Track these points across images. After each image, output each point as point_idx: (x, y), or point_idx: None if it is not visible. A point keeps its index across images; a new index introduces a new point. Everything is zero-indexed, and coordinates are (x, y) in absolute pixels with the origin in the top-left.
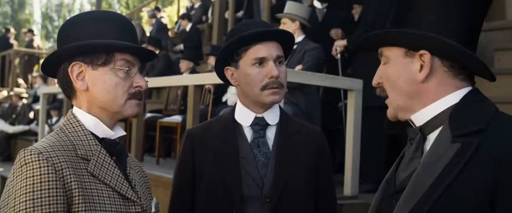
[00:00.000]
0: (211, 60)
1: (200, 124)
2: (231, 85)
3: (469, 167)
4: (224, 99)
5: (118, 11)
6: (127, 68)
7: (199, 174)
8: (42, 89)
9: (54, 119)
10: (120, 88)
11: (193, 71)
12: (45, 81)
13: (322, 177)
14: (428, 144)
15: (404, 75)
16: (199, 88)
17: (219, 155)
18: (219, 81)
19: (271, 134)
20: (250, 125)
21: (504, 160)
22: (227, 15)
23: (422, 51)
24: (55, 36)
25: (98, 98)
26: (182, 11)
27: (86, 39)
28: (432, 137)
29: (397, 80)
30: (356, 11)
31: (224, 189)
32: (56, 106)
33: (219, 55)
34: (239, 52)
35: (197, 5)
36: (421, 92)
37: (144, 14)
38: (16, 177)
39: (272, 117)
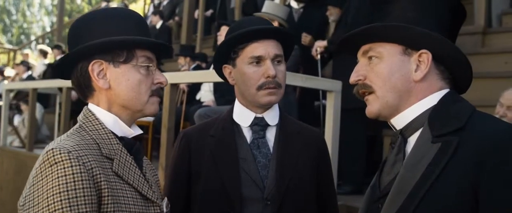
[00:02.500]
0: (181, 60)
1: (195, 125)
2: (230, 84)
3: (450, 166)
4: (198, 97)
5: (80, 7)
6: (149, 65)
7: (196, 175)
8: (5, 85)
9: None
10: (143, 86)
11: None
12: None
13: (323, 180)
14: (409, 147)
15: (399, 72)
16: (175, 87)
17: (217, 156)
18: (194, 80)
19: (270, 134)
20: (250, 126)
21: (484, 156)
22: (197, 14)
23: (423, 51)
24: (13, 30)
25: (121, 96)
26: (149, 8)
27: (105, 37)
28: (412, 139)
29: (391, 77)
30: (330, 12)
31: (223, 190)
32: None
33: (217, 52)
34: (236, 50)
35: (165, 2)
36: (412, 92)
37: None
38: (46, 176)
39: (272, 117)
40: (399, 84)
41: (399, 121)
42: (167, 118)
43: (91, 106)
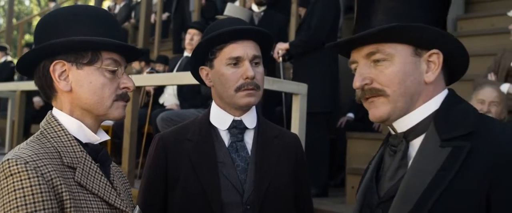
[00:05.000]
0: (136, 64)
1: (171, 129)
2: (206, 85)
3: (463, 171)
4: (161, 101)
5: (29, 8)
6: (115, 68)
7: (173, 180)
8: None
9: None
10: (107, 89)
11: None
12: None
13: (301, 184)
14: (413, 151)
15: (413, 76)
16: (139, 90)
17: (195, 160)
18: (159, 83)
19: (249, 138)
20: (228, 129)
21: (498, 163)
22: (153, 17)
23: (434, 51)
24: None
25: (83, 100)
26: None
27: (70, 36)
28: (416, 143)
29: (406, 80)
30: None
31: (202, 195)
32: None
33: (194, 53)
34: (214, 51)
35: (121, 4)
36: (421, 94)
37: None
38: (1, 189)
39: (250, 120)
40: (413, 88)
41: (402, 124)
42: (130, 122)
43: (55, 111)
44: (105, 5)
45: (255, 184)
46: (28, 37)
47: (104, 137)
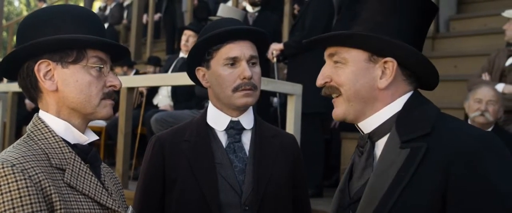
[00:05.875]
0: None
1: (168, 130)
2: (203, 86)
3: (420, 171)
4: (155, 102)
5: (18, 9)
6: (101, 66)
7: (171, 182)
8: None
9: None
10: (93, 88)
11: None
12: None
13: (298, 184)
14: (378, 151)
15: (363, 80)
16: (132, 90)
17: (193, 162)
18: (153, 83)
19: (246, 138)
20: (225, 129)
21: (452, 161)
22: (145, 18)
23: (388, 59)
24: None
25: (69, 99)
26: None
27: (54, 35)
28: (381, 143)
29: (356, 83)
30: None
31: (200, 196)
32: None
33: (190, 54)
34: (210, 51)
35: (112, 5)
36: (377, 98)
37: None
38: None
39: (247, 121)
40: (363, 91)
41: (367, 125)
42: (124, 123)
43: (41, 113)
44: (96, 6)
45: (253, 185)
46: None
47: (92, 137)
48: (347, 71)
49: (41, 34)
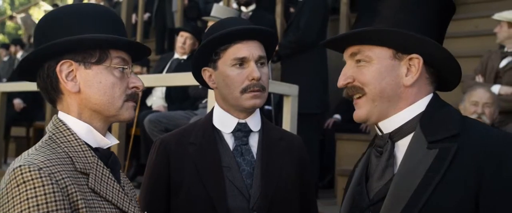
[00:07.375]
0: None
1: (173, 131)
2: (210, 88)
3: (450, 172)
4: (149, 103)
5: (2, 8)
6: (125, 67)
7: (176, 185)
8: None
9: None
10: (117, 89)
11: None
12: None
13: (306, 187)
14: (399, 151)
15: (389, 78)
16: None
17: (199, 165)
18: (148, 84)
19: (253, 141)
20: (232, 132)
21: (484, 163)
22: (134, 17)
23: (413, 55)
24: None
25: (92, 101)
26: None
27: (76, 35)
28: (401, 144)
29: (381, 82)
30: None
31: (208, 201)
32: None
33: (196, 54)
34: (218, 51)
35: (101, 3)
36: (401, 97)
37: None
38: (13, 198)
39: (254, 123)
40: (389, 89)
41: (388, 125)
42: (118, 124)
43: (61, 114)
44: None
45: (261, 189)
46: (1, 38)
47: (113, 141)
48: (372, 69)
49: (62, 33)
